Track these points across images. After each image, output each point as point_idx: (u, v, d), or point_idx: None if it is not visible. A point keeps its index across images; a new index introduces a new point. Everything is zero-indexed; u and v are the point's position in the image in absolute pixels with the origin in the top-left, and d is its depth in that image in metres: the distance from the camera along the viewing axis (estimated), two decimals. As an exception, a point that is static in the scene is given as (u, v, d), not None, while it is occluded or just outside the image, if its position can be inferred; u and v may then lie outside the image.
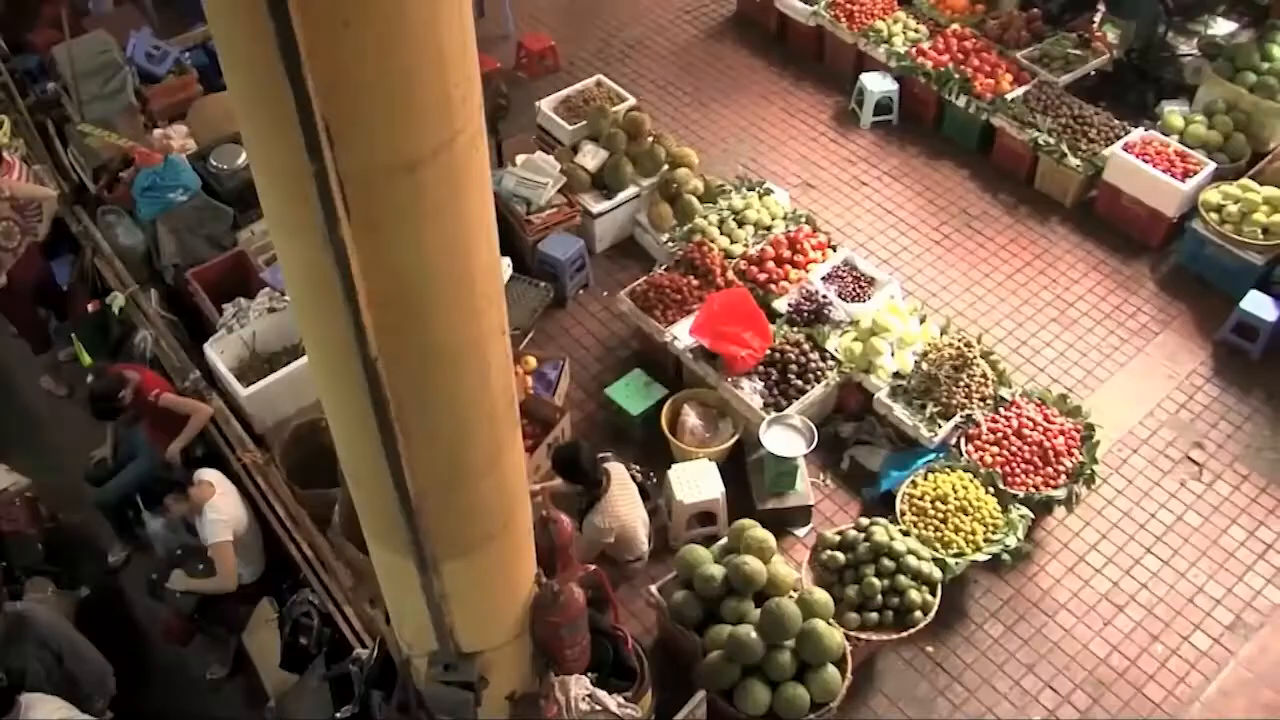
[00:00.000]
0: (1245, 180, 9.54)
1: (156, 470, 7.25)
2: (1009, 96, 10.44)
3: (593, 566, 6.06)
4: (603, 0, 12.93)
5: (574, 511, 6.65)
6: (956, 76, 10.60)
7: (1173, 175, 9.57)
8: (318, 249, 3.05)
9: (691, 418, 7.96)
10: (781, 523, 7.63)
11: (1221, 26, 11.40)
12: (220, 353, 8.05)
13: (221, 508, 6.68)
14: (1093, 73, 11.13)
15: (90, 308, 8.49)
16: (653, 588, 6.97)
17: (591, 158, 9.64)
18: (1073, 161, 9.91)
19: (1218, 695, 6.99)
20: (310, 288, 3.38)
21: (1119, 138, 9.99)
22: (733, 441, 7.92)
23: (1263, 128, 10.18)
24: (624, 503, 6.80)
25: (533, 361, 8.34)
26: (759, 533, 6.91)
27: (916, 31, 11.26)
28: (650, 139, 9.77)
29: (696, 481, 7.49)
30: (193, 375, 7.71)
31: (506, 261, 8.85)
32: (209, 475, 6.83)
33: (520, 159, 9.57)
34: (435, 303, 3.46)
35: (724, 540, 7.10)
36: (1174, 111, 10.36)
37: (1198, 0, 11.40)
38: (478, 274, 3.54)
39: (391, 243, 3.20)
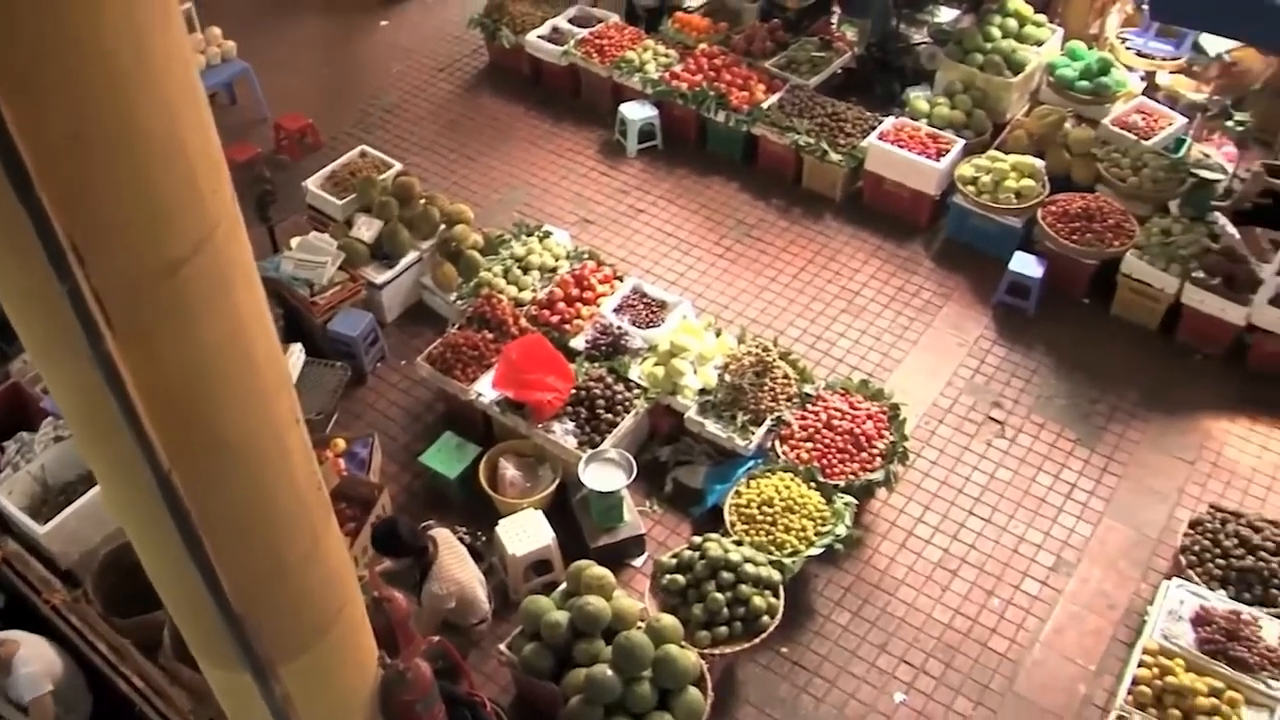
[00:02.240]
0: (993, 151, 10.17)
1: None
2: (765, 105, 10.79)
3: (436, 638, 5.96)
4: (355, 71, 12.83)
5: (409, 586, 6.52)
6: (712, 94, 10.90)
7: (927, 156, 10.06)
8: (86, 370, 2.92)
9: (510, 470, 7.92)
10: (617, 556, 7.64)
11: (945, 14, 12.10)
12: (9, 493, 7.62)
13: (31, 658, 6.31)
14: (839, 71, 11.63)
15: None
16: (502, 646, 6.89)
17: (367, 229, 9.51)
18: (834, 157, 10.31)
19: (1053, 633, 7.34)
20: (86, 411, 3.23)
21: (873, 128, 10.45)
22: (554, 486, 7.89)
23: (998, 101, 10.88)
24: (456, 565, 6.71)
25: (341, 443, 8.16)
26: (596, 571, 6.90)
27: (667, 56, 11.53)
28: (422, 201, 9.72)
29: (526, 532, 7.44)
30: (-19, 523, 7.29)
31: (298, 347, 8.68)
32: (6, 634, 6.44)
33: (295, 242, 9.39)
34: (222, 401, 3.35)
35: (563, 585, 7.06)
36: (919, 97, 10.93)
37: (920, -8, 12.08)
38: (260, 364, 3.45)
39: (164, 349, 3.08)
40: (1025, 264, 9.34)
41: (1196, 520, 7.45)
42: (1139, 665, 6.64)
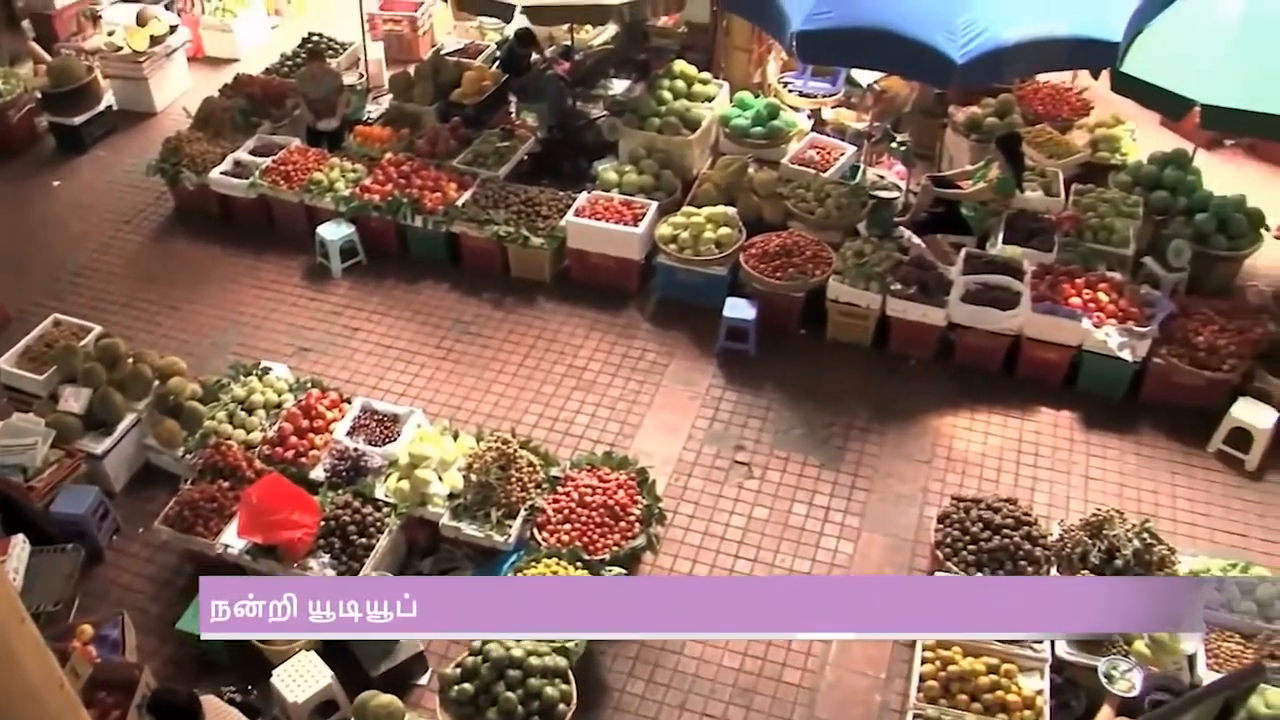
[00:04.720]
0: (686, 208, 10.62)
1: None
2: (459, 203, 10.93)
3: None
4: (34, 237, 12.14)
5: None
6: (405, 201, 10.95)
7: (625, 223, 10.40)
8: None
9: (274, 617, 7.63)
10: (401, 679, 7.44)
11: (618, 85, 12.61)
12: None
13: None
14: (525, 158, 11.92)
15: None
16: (300, 802, 6.62)
17: (75, 400, 9.05)
18: (536, 241, 10.51)
19: (839, 653, 7.58)
20: None
21: (569, 206, 10.73)
22: (323, 623, 7.65)
23: (682, 159, 11.41)
24: (229, 734, 6.40)
25: (88, 629, 7.66)
26: (383, 699, 6.73)
27: (355, 171, 11.51)
28: (130, 360, 9.32)
29: (303, 676, 7.16)
30: None
31: (19, 539, 8.13)
32: None
33: (-3, 428, 8.86)
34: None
35: (352, 721, 6.86)
36: (606, 168, 11.32)
37: (590, 70, 12.58)
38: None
39: None
40: (738, 308, 9.74)
41: (943, 514, 7.86)
42: (922, 662, 6.97)
